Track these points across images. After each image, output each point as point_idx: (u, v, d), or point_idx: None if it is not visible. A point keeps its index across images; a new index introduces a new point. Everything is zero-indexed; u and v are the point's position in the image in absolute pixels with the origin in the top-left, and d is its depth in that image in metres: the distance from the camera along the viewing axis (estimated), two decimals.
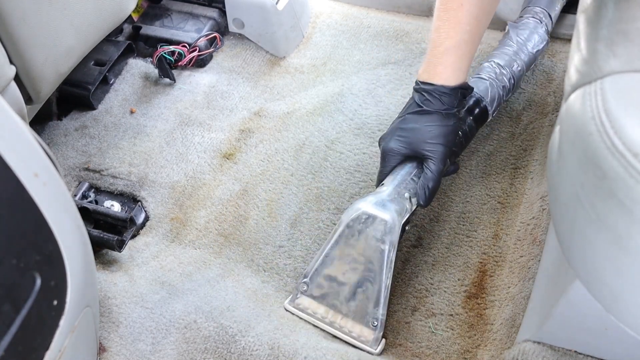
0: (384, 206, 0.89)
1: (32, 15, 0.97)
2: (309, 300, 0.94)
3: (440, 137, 0.91)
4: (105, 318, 0.93)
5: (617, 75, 0.53)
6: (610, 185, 0.50)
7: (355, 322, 0.91)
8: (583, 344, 0.77)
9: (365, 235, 0.89)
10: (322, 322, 0.93)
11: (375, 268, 0.89)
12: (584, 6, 0.62)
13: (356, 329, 0.91)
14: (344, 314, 0.91)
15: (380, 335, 0.90)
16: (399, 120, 0.96)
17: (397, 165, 0.95)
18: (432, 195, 0.92)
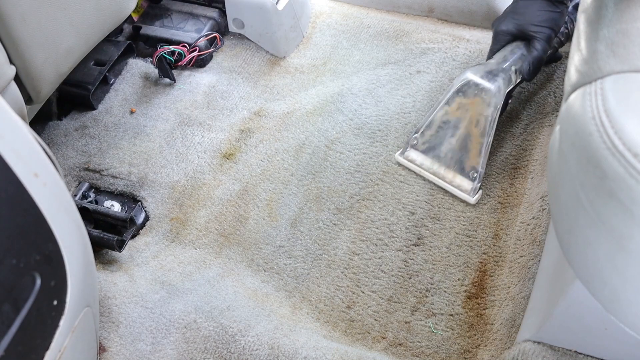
0: (491, 75, 1.01)
1: (32, 15, 0.97)
2: (417, 153, 1.08)
3: (548, 21, 1.01)
4: (105, 318, 0.93)
5: (617, 75, 0.53)
6: (610, 185, 0.50)
7: (456, 173, 1.04)
8: (583, 344, 0.77)
9: (472, 99, 1.01)
10: (428, 172, 1.06)
11: (480, 127, 1.01)
12: (584, 6, 0.62)
13: (457, 180, 1.04)
14: (447, 166, 1.05)
15: (478, 186, 1.02)
16: (512, 5, 1.06)
17: (505, 44, 1.06)
18: (535, 71, 1.03)
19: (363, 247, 1.03)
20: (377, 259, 1.01)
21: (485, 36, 1.31)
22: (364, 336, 0.94)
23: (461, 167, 1.04)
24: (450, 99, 1.04)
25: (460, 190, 1.04)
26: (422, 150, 1.07)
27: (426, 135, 1.07)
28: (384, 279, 0.99)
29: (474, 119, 1.02)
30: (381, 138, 1.16)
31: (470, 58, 1.26)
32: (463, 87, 1.03)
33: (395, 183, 1.09)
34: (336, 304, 0.97)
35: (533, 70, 1.03)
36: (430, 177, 1.06)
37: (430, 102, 1.20)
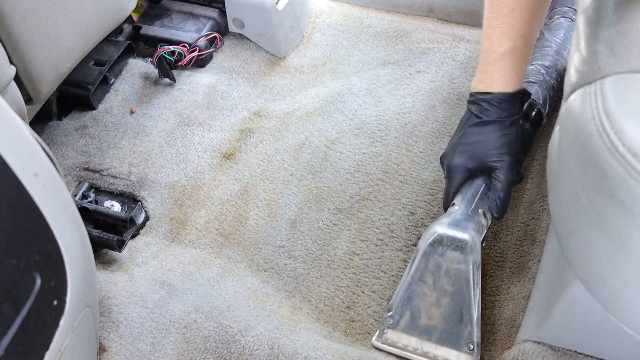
0: (461, 226, 0.88)
1: (32, 16, 0.97)
2: (398, 334, 0.89)
3: (505, 147, 0.89)
4: (105, 318, 0.93)
5: (617, 75, 0.53)
6: (610, 186, 0.50)
7: (450, 349, 0.87)
8: (583, 344, 0.77)
9: (446, 258, 0.87)
10: (415, 354, 0.88)
11: (463, 290, 0.86)
12: (584, 6, 0.62)
13: (452, 356, 0.87)
14: (437, 342, 0.87)
15: (478, 358, 0.86)
16: (459, 135, 0.92)
17: (463, 182, 0.93)
18: (505, 207, 0.89)
19: (363, 247, 1.03)
20: (377, 259, 1.01)
21: None
22: (364, 336, 0.94)
23: (454, 340, 0.87)
24: (422, 261, 0.89)
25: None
26: (402, 330, 0.89)
27: (401, 312, 0.89)
28: (384, 279, 0.99)
29: (454, 282, 0.87)
30: (381, 138, 1.16)
31: (470, 58, 1.26)
32: (434, 244, 0.88)
33: (395, 183, 1.09)
34: (336, 304, 0.97)
35: (502, 206, 0.89)
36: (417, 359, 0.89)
37: (431, 102, 1.20)
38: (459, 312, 0.87)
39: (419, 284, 0.89)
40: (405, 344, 0.89)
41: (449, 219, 0.89)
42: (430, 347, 0.88)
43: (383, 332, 0.90)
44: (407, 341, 0.89)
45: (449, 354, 0.87)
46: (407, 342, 0.89)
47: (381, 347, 0.90)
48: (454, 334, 0.87)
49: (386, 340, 0.90)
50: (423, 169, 1.11)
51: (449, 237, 0.87)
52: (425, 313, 0.89)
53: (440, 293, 0.88)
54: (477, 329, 0.86)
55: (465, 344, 0.86)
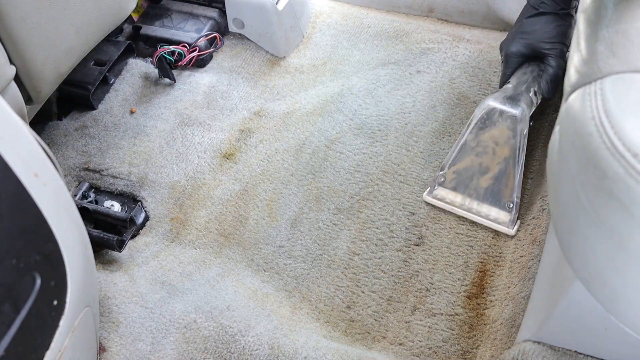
0: (513, 100, 0.99)
1: (32, 15, 0.97)
2: (446, 191, 1.04)
3: (558, 36, 0.99)
4: (105, 318, 0.93)
5: (617, 75, 0.53)
6: (610, 186, 0.50)
7: (491, 206, 1.01)
8: (583, 344, 0.77)
9: (497, 128, 0.99)
10: (460, 209, 1.02)
11: (509, 156, 0.98)
12: (584, 6, 0.62)
13: (493, 213, 1.01)
14: (480, 200, 1.01)
15: (515, 217, 0.99)
16: (517, 25, 1.03)
17: (518, 67, 1.04)
18: (555, 88, 1.00)
19: (363, 247, 1.03)
20: (377, 259, 1.01)
21: (485, 36, 1.31)
22: (364, 336, 0.94)
23: (496, 199, 1.01)
24: (474, 129, 1.01)
25: (498, 224, 1.00)
26: (450, 187, 1.04)
27: (453, 170, 1.03)
28: (384, 279, 0.99)
29: (501, 149, 0.99)
30: (381, 138, 1.16)
31: (470, 58, 1.26)
32: (486, 115, 1.00)
33: (395, 183, 1.09)
34: (336, 304, 0.97)
35: (552, 88, 1.00)
36: (463, 214, 1.02)
37: (431, 102, 1.20)
38: (503, 174, 1.00)
39: (470, 147, 1.01)
40: (452, 200, 1.03)
41: (503, 94, 1.01)
42: (474, 204, 1.02)
43: (433, 189, 1.05)
44: (454, 197, 1.03)
45: (490, 210, 1.01)
46: (454, 199, 1.03)
47: (431, 201, 1.05)
48: (496, 194, 1.00)
49: (435, 196, 1.05)
50: (423, 169, 1.11)
51: (500, 110, 0.99)
52: (473, 174, 1.02)
53: (488, 157, 1.00)
54: (518, 190, 0.99)
55: (505, 202, 1.00)
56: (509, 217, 1.00)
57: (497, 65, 1.24)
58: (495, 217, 1.00)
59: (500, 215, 1.00)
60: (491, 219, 1.00)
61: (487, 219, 1.01)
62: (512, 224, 0.99)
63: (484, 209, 1.01)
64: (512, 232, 0.99)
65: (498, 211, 1.00)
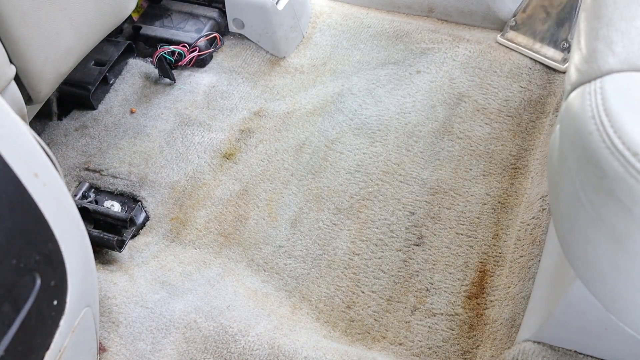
0: None
1: (32, 15, 0.97)
2: (515, 33, 1.23)
3: None
4: (105, 318, 0.93)
5: (617, 74, 0.53)
6: (610, 185, 0.50)
7: (549, 47, 1.19)
8: (583, 344, 0.76)
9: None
10: (525, 48, 1.21)
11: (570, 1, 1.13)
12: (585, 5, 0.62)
13: (550, 52, 1.19)
14: (541, 42, 1.19)
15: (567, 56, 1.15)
16: None
17: None
18: None
19: (363, 247, 1.02)
20: (377, 259, 1.01)
21: (485, 36, 1.31)
22: (364, 336, 0.94)
23: (554, 40, 1.17)
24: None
25: (553, 61, 1.18)
26: (519, 31, 1.22)
27: (522, 15, 1.21)
28: (384, 279, 0.99)
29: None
30: (381, 138, 1.16)
31: (470, 58, 1.26)
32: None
33: (395, 183, 1.09)
34: (336, 304, 0.97)
35: None
36: (527, 53, 1.20)
37: (431, 102, 1.20)
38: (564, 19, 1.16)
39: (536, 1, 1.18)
40: (520, 41, 1.23)
41: None
42: (536, 45, 1.20)
43: (505, 32, 1.24)
44: (521, 39, 1.22)
45: (548, 50, 1.19)
46: (521, 41, 1.22)
47: (503, 42, 1.25)
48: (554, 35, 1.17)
49: (507, 37, 1.25)
50: (423, 169, 1.11)
51: None
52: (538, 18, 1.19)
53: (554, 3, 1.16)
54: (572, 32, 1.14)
55: (560, 42, 1.17)
56: (561, 56, 1.18)
57: (497, 66, 1.24)
58: (551, 56, 1.18)
59: (555, 54, 1.18)
60: (549, 57, 1.19)
61: (544, 56, 1.19)
62: (564, 62, 1.17)
63: (543, 49, 1.19)
64: (563, 68, 1.17)
65: (554, 51, 1.18)
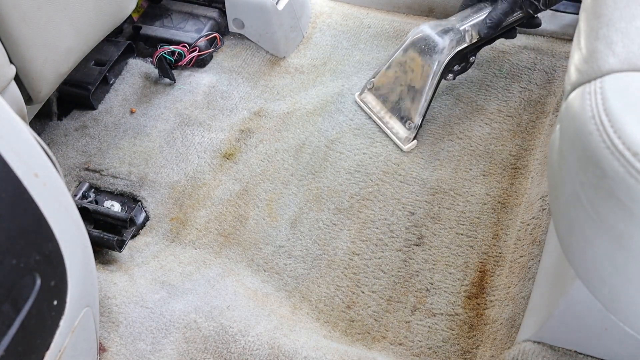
0: (443, 32, 1.07)
1: (32, 15, 0.97)
2: (372, 96, 1.18)
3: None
4: (105, 318, 0.93)
5: (617, 74, 0.53)
6: (610, 185, 0.50)
7: (396, 120, 1.14)
8: (583, 344, 0.76)
9: (421, 52, 1.09)
10: (376, 116, 1.16)
11: (423, 80, 1.08)
12: (585, 5, 0.62)
13: (396, 126, 1.14)
14: (391, 112, 1.14)
15: (412, 136, 1.11)
16: None
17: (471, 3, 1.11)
18: (490, 28, 1.06)
19: (363, 247, 1.02)
20: (377, 259, 1.01)
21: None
22: (364, 336, 0.94)
23: (401, 115, 1.13)
24: (405, 48, 1.11)
25: (396, 137, 1.13)
26: (375, 94, 1.17)
27: (380, 80, 1.16)
28: (384, 279, 0.99)
29: (420, 72, 1.09)
30: (381, 138, 1.16)
31: None
32: (417, 39, 1.09)
33: (395, 183, 1.09)
34: (336, 304, 0.97)
35: (489, 27, 1.06)
36: (376, 120, 1.16)
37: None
38: (413, 95, 1.11)
39: (396, 66, 1.13)
40: (373, 106, 1.17)
41: (441, 24, 1.08)
42: (386, 115, 1.16)
43: (363, 91, 1.20)
44: (375, 104, 1.17)
45: (395, 124, 1.14)
46: (375, 105, 1.17)
47: (358, 102, 1.20)
48: (403, 111, 1.13)
49: (363, 99, 1.20)
50: (423, 169, 1.11)
51: (427, 38, 1.08)
52: (394, 87, 1.14)
53: (407, 76, 1.11)
54: (419, 115, 1.10)
55: (407, 121, 1.12)
56: (406, 135, 1.12)
57: (496, 66, 1.24)
58: (397, 131, 1.13)
59: (400, 130, 1.13)
60: (394, 132, 1.13)
61: (391, 131, 1.14)
62: (407, 141, 1.12)
63: (391, 121, 1.14)
64: (405, 149, 1.12)
65: (400, 126, 1.13)
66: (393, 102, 1.14)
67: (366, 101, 1.18)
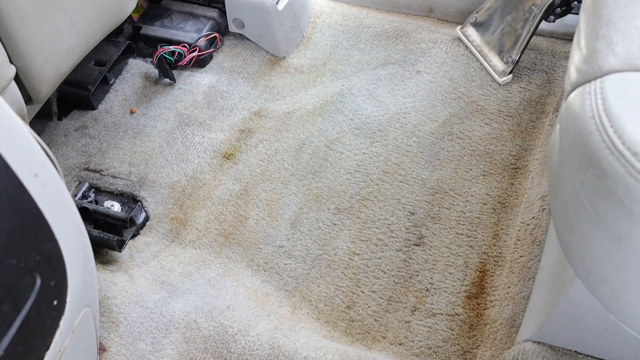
0: None
1: (32, 15, 0.97)
2: (473, 30, 1.22)
3: None
4: (105, 318, 0.93)
5: (617, 74, 0.53)
6: (610, 185, 0.50)
7: (495, 54, 1.17)
8: (583, 344, 0.77)
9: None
10: (476, 49, 1.20)
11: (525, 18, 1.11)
12: (585, 5, 0.62)
13: (494, 60, 1.17)
14: (491, 47, 1.17)
15: (508, 70, 1.14)
16: None
17: None
18: None
19: (363, 247, 1.03)
20: (377, 259, 1.01)
21: None
22: (364, 336, 0.94)
23: (500, 49, 1.16)
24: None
25: (493, 70, 1.16)
26: (477, 28, 1.21)
27: (483, 14, 1.20)
28: (384, 279, 0.99)
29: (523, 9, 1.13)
30: (381, 138, 1.16)
31: (470, 58, 1.26)
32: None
33: (395, 183, 1.09)
34: (336, 304, 0.97)
35: None
36: (475, 53, 1.20)
37: (431, 102, 1.20)
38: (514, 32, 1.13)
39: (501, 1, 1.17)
40: (474, 39, 1.21)
41: None
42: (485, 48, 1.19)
43: (465, 26, 1.23)
44: (477, 38, 1.21)
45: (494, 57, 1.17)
46: (476, 39, 1.21)
47: (459, 35, 1.24)
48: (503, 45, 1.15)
49: (464, 33, 1.24)
50: (423, 169, 1.11)
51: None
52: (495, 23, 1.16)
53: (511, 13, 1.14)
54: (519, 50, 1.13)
55: (506, 56, 1.15)
56: (503, 68, 1.15)
57: None
58: (494, 64, 1.16)
59: (498, 63, 1.16)
60: (491, 65, 1.16)
61: (489, 64, 1.17)
62: (503, 74, 1.15)
63: (490, 54, 1.17)
64: (500, 81, 1.14)
65: (498, 60, 1.16)
66: (495, 37, 1.17)
67: (467, 34, 1.22)
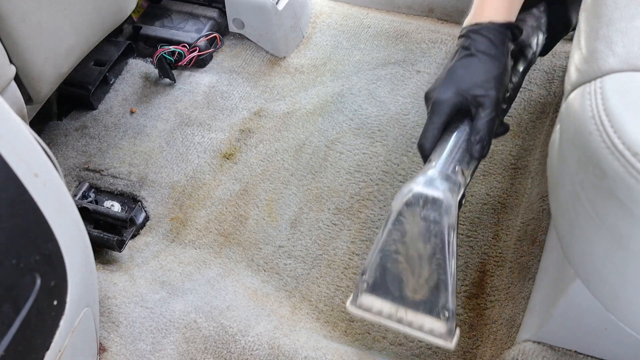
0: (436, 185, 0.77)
1: (32, 15, 0.97)
2: (372, 298, 0.82)
3: (492, 81, 0.80)
4: (105, 318, 0.93)
5: (617, 74, 0.53)
6: (610, 185, 0.50)
7: (425, 315, 0.80)
8: (583, 344, 0.77)
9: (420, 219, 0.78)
10: (390, 320, 0.81)
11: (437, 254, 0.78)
12: (585, 5, 0.62)
13: (427, 323, 0.79)
14: (411, 309, 0.80)
15: (453, 325, 0.78)
16: (446, 70, 0.84)
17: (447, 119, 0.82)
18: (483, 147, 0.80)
19: (363, 247, 1.02)
20: None
21: None
22: (364, 336, 0.94)
23: (429, 307, 0.80)
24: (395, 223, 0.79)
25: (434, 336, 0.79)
26: (377, 295, 0.81)
27: (375, 276, 0.81)
28: None
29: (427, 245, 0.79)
30: (381, 138, 1.16)
31: None
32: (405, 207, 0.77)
33: (395, 183, 1.09)
34: (336, 304, 0.97)
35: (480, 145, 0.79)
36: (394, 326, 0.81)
37: None
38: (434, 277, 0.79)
39: (392, 246, 0.80)
40: (380, 309, 0.81)
41: (424, 178, 0.78)
42: (404, 313, 0.81)
43: (357, 297, 0.82)
44: (381, 306, 0.81)
45: (424, 320, 0.80)
46: (382, 308, 0.81)
47: (355, 312, 0.82)
48: (428, 301, 0.79)
49: (361, 306, 0.82)
50: None
51: (423, 197, 0.76)
52: (400, 277, 0.80)
53: (414, 256, 0.79)
54: (452, 296, 0.78)
55: (440, 310, 0.79)
56: (445, 328, 0.79)
57: None
58: (430, 328, 0.79)
59: (435, 325, 0.79)
60: (426, 330, 0.79)
61: (421, 331, 0.80)
62: (450, 335, 0.78)
63: (416, 318, 0.80)
64: (452, 346, 0.78)
65: (433, 321, 0.79)
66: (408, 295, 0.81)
67: (367, 307, 0.82)
